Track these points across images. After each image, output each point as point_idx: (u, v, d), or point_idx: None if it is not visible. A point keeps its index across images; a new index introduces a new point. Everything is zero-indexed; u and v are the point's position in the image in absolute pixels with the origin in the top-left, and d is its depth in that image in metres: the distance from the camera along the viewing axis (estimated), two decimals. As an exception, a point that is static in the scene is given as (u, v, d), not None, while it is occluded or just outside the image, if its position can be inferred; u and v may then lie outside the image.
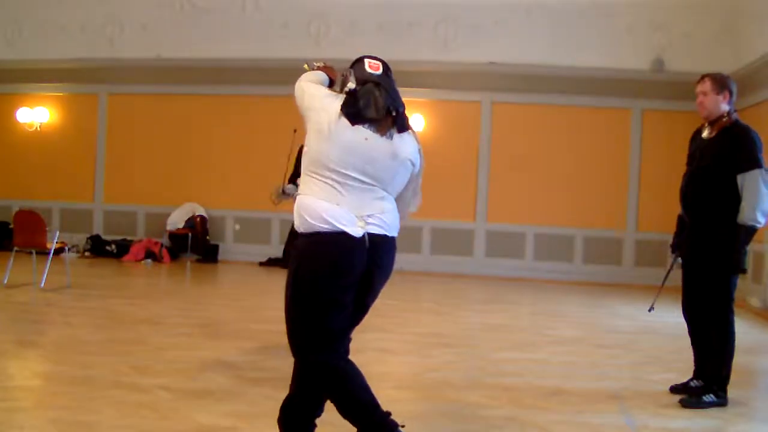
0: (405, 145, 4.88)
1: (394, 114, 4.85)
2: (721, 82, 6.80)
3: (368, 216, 4.69)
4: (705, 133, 6.96)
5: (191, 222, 17.50)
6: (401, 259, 6.93)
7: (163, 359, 7.62)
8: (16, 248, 12.53)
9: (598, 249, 16.92)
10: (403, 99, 4.95)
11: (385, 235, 4.78)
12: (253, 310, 8.81)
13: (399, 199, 5.02)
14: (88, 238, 18.04)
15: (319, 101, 4.91)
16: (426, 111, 17.22)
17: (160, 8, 18.04)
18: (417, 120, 17.06)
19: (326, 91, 5.07)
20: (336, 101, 4.86)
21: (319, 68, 5.59)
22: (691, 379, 7.08)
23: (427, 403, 6.52)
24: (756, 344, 10.31)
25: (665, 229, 16.37)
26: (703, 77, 6.94)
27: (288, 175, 9.04)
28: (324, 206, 4.62)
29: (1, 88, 18.99)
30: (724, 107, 6.78)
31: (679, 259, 7.25)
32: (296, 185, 8.09)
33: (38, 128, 18.76)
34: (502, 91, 17.11)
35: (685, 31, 16.31)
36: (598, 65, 16.59)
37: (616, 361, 8.71)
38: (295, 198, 4.89)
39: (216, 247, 17.60)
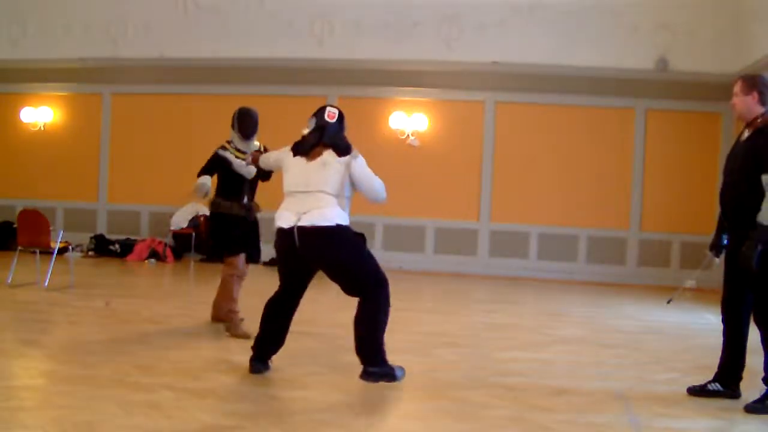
0: (334, 157, 7.02)
1: (325, 146, 7.06)
2: (750, 83, 6.76)
3: (304, 213, 6.84)
4: (743, 136, 6.89)
5: (195, 222, 17.49)
6: (402, 258, 7.04)
7: (167, 359, 7.62)
8: (19, 248, 12.54)
9: (602, 249, 16.92)
10: (408, 98, 5.18)
11: (314, 225, 6.82)
12: (257, 310, 8.77)
13: (364, 192, 7.24)
14: (91, 238, 18.05)
15: (275, 158, 7.63)
16: (430, 110, 17.22)
17: (164, 8, 18.06)
18: (420, 119, 17.06)
19: (275, 153, 7.71)
20: (286, 150, 7.37)
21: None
22: (710, 382, 7.05)
23: (431, 403, 6.51)
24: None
25: (669, 228, 16.51)
26: (737, 78, 6.92)
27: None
28: (279, 212, 7.04)
29: (5, 87, 19.01)
30: (758, 108, 6.71)
31: (716, 260, 7.17)
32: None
33: (42, 128, 18.77)
34: (506, 91, 17.11)
35: (689, 30, 16.30)
36: (601, 65, 16.60)
37: (621, 361, 8.70)
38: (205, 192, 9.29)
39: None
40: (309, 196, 6.90)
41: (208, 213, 17.09)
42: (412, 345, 9.04)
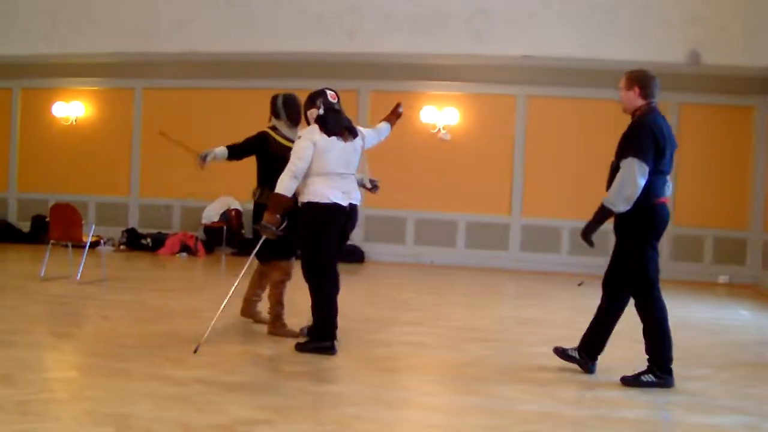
0: (357, 141, 7.99)
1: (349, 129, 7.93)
2: (630, 79, 7.24)
3: (348, 192, 7.79)
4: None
5: (226, 215, 17.52)
6: (433, 253, 7.14)
7: (199, 352, 7.65)
8: (52, 241, 12.62)
9: (634, 244, 16.77)
10: (438, 92, 5.24)
11: (356, 204, 7.91)
12: (288, 304, 8.82)
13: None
14: (123, 232, 18.13)
15: (307, 148, 7.74)
16: (461, 104, 17.18)
17: (194, 2, 18.08)
18: (451, 113, 17.03)
19: (301, 145, 7.76)
20: (312, 137, 7.74)
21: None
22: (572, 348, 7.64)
23: (461, 397, 6.51)
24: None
25: (701, 223, 16.38)
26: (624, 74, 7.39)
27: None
28: (326, 190, 7.66)
29: (37, 82, 19.13)
30: (638, 101, 7.23)
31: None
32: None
33: (74, 122, 18.88)
34: (537, 85, 17.02)
35: (722, 23, 16.17)
36: (633, 58, 16.38)
37: (652, 356, 8.64)
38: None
39: (251, 241, 17.53)
40: (349, 176, 7.87)
41: (239, 207, 17.32)
42: (442, 339, 9.05)
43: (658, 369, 7.04)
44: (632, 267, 7.42)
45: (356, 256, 16.92)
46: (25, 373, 6.54)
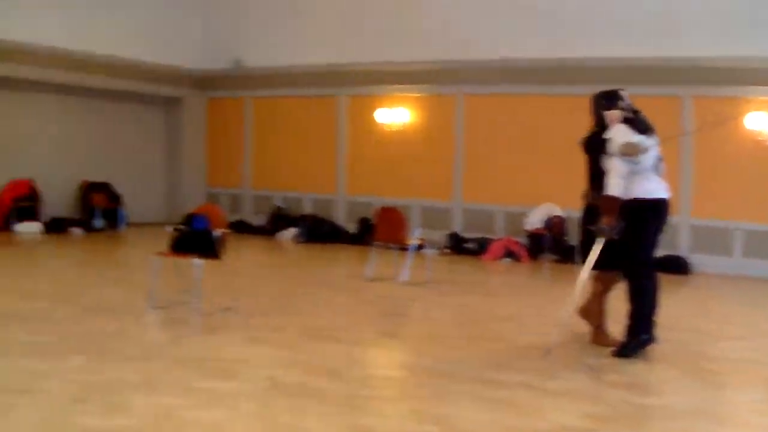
0: (655, 135, 8.11)
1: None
2: None
3: (664, 184, 8.07)
4: None
5: (549, 222, 17.37)
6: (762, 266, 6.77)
7: (523, 357, 7.62)
8: (377, 243, 12.95)
9: None
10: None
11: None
12: (612, 313, 8.59)
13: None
14: (447, 236, 18.38)
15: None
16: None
17: (506, 11, 18.01)
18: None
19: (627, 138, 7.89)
20: (632, 139, 7.86)
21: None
22: None
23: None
24: None
25: None
26: None
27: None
28: (653, 186, 7.93)
29: (361, 89, 19.76)
30: None
31: None
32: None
33: (398, 128, 19.32)
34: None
35: None
36: None
37: None
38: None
39: (574, 249, 17.32)
40: (660, 170, 8.09)
41: (561, 214, 17.15)
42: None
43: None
44: None
45: (681, 267, 16.36)
46: (352, 369, 6.73)
